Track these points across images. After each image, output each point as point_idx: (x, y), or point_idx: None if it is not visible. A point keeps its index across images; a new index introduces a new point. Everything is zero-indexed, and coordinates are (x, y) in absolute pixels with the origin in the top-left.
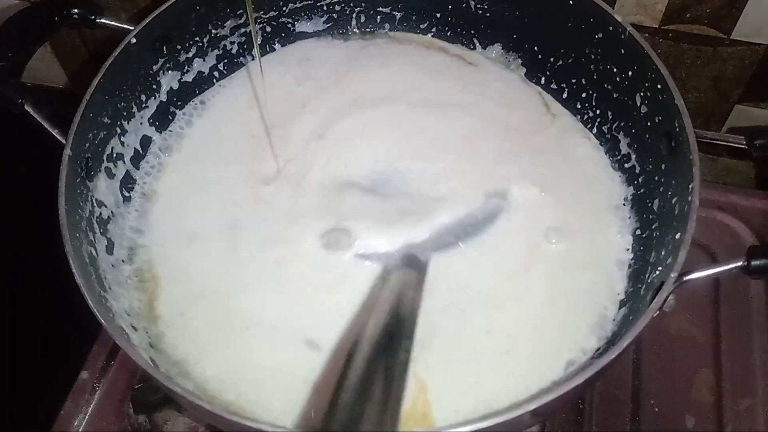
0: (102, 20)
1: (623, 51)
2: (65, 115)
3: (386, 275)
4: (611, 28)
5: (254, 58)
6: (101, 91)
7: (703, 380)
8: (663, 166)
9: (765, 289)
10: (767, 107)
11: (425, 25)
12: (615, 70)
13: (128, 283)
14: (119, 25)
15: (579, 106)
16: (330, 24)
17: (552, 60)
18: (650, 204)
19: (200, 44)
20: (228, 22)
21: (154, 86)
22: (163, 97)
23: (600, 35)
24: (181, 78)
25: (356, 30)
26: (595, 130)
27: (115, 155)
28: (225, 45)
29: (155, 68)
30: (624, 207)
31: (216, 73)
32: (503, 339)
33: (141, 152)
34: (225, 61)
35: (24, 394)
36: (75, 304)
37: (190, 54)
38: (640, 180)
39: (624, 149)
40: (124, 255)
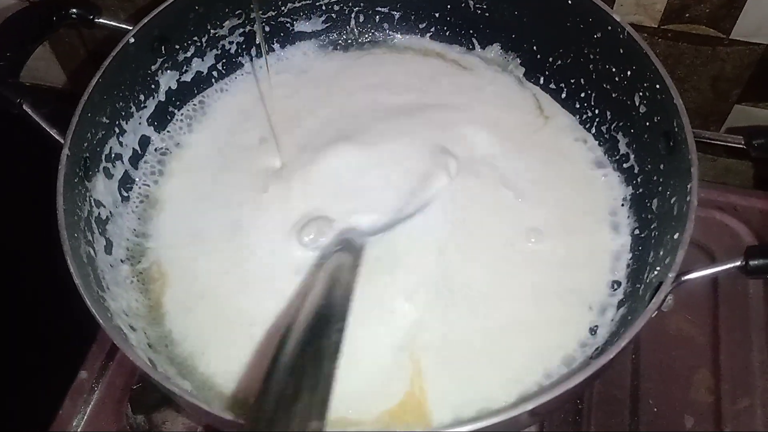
0: (100, 20)
1: (622, 51)
2: (63, 115)
3: (322, 260)
4: (610, 28)
5: (252, 59)
6: (100, 91)
7: (702, 380)
8: (662, 166)
9: (764, 289)
10: (766, 107)
11: (424, 25)
12: (614, 70)
13: (127, 284)
14: (118, 25)
15: (578, 106)
16: (329, 24)
17: (551, 60)
18: (649, 204)
19: (199, 44)
20: (227, 22)
21: (153, 86)
22: (162, 97)
23: (599, 35)
24: (180, 78)
25: (355, 30)
26: (594, 130)
27: (114, 155)
28: (224, 45)
29: (154, 68)
30: (623, 207)
31: (215, 73)
32: (498, 335)
33: (139, 152)
34: (224, 61)
35: (22, 394)
36: (73, 304)
37: (189, 54)
38: (639, 180)
39: (623, 149)
40: (123, 255)
